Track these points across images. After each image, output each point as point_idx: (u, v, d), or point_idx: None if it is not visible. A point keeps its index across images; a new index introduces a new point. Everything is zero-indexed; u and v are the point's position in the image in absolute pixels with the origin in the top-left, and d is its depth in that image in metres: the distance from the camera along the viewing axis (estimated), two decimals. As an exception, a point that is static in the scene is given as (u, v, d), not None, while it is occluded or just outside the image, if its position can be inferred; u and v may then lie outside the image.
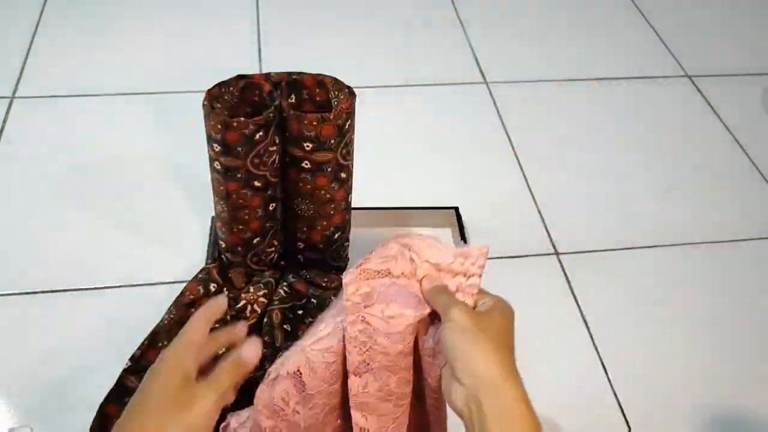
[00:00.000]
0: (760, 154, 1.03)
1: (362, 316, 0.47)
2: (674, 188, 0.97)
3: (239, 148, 0.62)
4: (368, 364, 0.48)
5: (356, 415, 0.49)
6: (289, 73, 0.66)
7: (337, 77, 0.66)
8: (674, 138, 1.05)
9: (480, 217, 0.88)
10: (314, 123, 0.62)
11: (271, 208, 0.71)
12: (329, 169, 0.67)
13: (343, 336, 0.48)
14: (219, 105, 0.63)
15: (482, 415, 0.39)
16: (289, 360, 0.50)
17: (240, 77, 0.65)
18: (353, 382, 0.49)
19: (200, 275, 0.75)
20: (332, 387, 0.51)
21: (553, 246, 0.86)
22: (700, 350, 0.77)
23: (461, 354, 0.42)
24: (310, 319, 0.73)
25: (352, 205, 0.76)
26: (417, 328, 0.49)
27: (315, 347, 0.49)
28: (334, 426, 0.54)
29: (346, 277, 0.49)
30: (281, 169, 0.69)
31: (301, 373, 0.49)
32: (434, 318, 0.49)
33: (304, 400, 0.50)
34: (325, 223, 0.72)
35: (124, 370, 0.66)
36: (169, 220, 0.84)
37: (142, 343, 0.68)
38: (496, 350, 0.41)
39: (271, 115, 0.62)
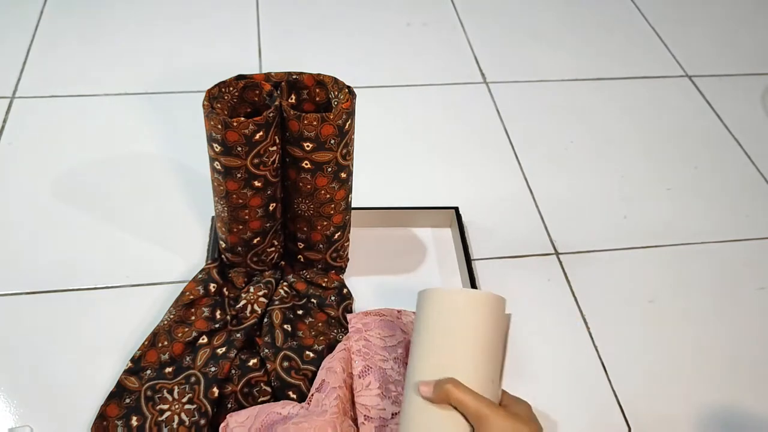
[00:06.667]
0: (760, 154, 1.03)
1: (364, 337, 0.66)
2: (674, 188, 0.97)
3: (239, 148, 0.62)
4: (370, 368, 0.63)
5: (360, 406, 0.61)
6: (289, 73, 0.66)
7: (337, 77, 0.66)
8: (674, 138, 1.05)
9: (480, 217, 0.88)
10: (314, 123, 0.62)
11: (271, 208, 0.71)
12: (329, 169, 0.67)
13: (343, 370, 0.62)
14: (219, 105, 0.63)
15: None
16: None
17: (240, 77, 0.65)
18: (357, 383, 0.62)
19: (200, 275, 0.75)
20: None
21: (553, 246, 0.86)
22: (700, 350, 0.77)
23: None
24: (310, 319, 0.73)
25: (352, 205, 0.76)
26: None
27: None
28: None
29: (350, 316, 0.69)
30: (281, 169, 0.69)
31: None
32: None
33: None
34: (325, 223, 0.72)
35: (125, 371, 0.66)
36: (169, 220, 0.84)
37: (143, 344, 0.68)
38: None
39: (271, 115, 0.62)
